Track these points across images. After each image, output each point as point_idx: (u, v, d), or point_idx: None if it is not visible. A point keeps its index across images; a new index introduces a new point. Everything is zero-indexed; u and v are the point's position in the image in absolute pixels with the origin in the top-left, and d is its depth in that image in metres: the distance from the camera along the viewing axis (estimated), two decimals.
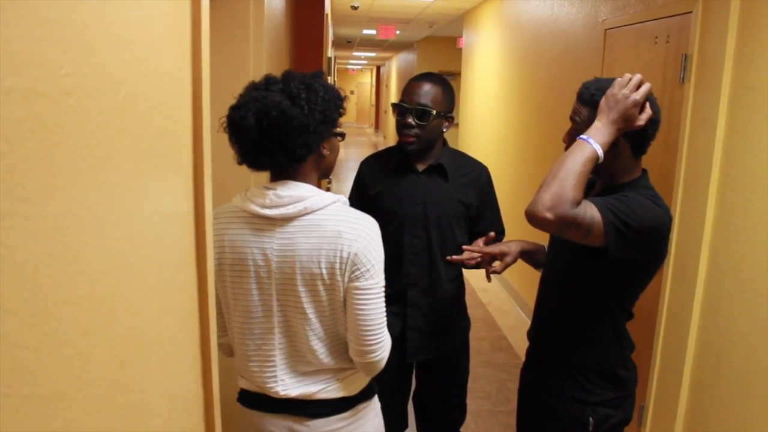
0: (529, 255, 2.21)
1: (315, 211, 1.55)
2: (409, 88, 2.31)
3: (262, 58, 2.39)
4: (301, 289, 1.56)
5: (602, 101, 1.74)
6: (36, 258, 0.59)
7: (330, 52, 9.26)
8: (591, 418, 1.88)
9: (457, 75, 10.32)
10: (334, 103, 1.58)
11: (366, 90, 33.43)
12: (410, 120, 2.27)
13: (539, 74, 5.49)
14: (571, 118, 1.88)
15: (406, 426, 2.64)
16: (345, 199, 1.64)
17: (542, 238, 2.18)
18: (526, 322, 5.36)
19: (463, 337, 2.59)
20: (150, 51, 0.93)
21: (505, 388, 4.15)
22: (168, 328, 1.06)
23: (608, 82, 1.80)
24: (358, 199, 2.44)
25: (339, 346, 1.64)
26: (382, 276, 1.60)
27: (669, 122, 3.03)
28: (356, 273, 1.54)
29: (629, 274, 1.81)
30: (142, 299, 0.91)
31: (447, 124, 2.37)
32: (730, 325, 2.47)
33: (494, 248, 2.15)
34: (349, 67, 30.97)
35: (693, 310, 2.69)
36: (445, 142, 2.44)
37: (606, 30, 3.87)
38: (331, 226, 1.54)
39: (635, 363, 1.99)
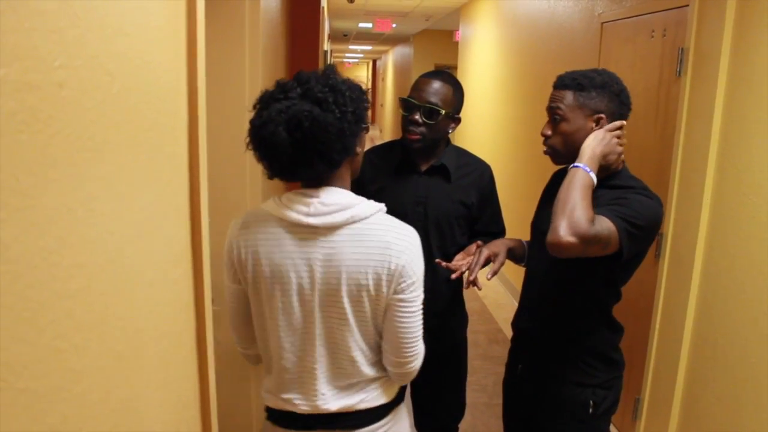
0: (512, 251, 2.22)
1: (361, 219, 1.49)
2: (420, 84, 2.26)
3: (258, 50, 2.38)
4: (345, 299, 1.50)
5: (591, 137, 1.83)
6: (30, 251, 0.59)
7: (326, 45, 9.24)
8: (591, 401, 1.92)
9: (453, 68, 10.31)
10: (361, 98, 1.51)
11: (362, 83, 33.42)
12: (417, 117, 2.22)
13: (536, 68, 5.49)
14: (551, 108, 1.90)
15: None
16: (385, 207, 1.58)
17: (525, 234, 2.18)
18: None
19: (461, 335, 2.59)
20: (144, 43, 0.93)
21: (501, 381, 4.15)
22: (164, 321, 1.05)
23: (586, 71, 1.87)
24: (357, 194, 2.41)
25: (376, 355, 1.61)
26: (422, 288, 1.56)
27: (665, 115, 3.03)
28: (402, 285, 1.49)
29: (626, 262, 1.83)
30: (138, 292, 0.91)
31: (453, 125, 2.32)
32: (725, 319, 2.47)
33: (484, 255, 2.14)
34: (345, 60, 30.89)
35: (688, 303, 2.70)
36: (448, 140, 2.41)
37: (603, 23, 3.86)
38: (379, 236, 1.48)
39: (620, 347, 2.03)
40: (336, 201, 1.47)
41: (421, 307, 1.56)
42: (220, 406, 1.51)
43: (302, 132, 1.38)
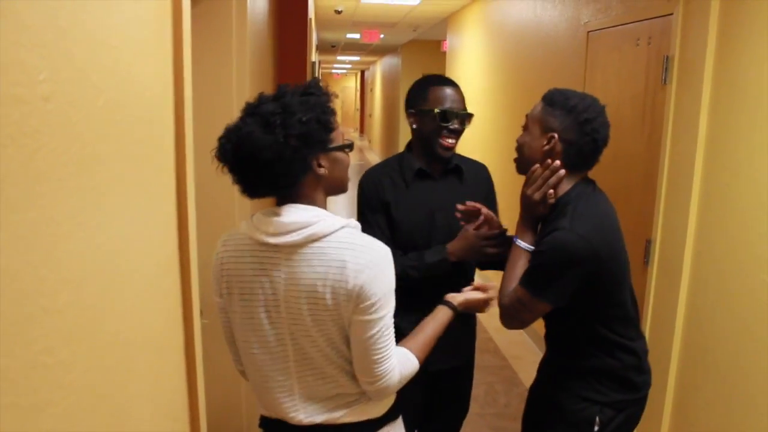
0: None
1: (322, 237, 1.46)
2: (448, 93, 2.29)
3: (245, 62, 2.38)
4: (308, 318, 1.48)
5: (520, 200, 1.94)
6: (16, 265, 0.58)
7: (314, 56, 9.25)
8: (597, 418, 1.90)
9: None
10: (317, 121, 1.46)
11: (351, 94, 33.41)
12: (458, 126, 2.28)
13: (523, 76, 5.52)
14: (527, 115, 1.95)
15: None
16: (356, 222, 1.53)
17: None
18: None
19: (472, 347, 2.59)
20: (131, 56, 0.92)
21: (493, 390, 4.15)
22: (152, 334, 1.05)
23: (575, 92, 1.88)
24: (381, 214, 2.35)
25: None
26: (391, 306, 1.51)
27: (652, 123, 3.06)
28: (361, 306, 1.44)
29: (591, 294, 1.82)
30: (127, 305, 0.90)
31: None
32: (714, 324, 2.49)
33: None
34: (333, 71, 30.96)
35: (677, 309, 2.71)
36: None
37: (588, 32, 3.89)
38: (337, 255, 1.44)
39: (650, 365, 2.00)
40: (295, 219, 1.45)
41: (389, 324, 1.51)
42: (210, 419, 1.50)
43: (242, 153, 1.39)
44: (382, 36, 12.57)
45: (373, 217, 2.37)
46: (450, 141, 2.29)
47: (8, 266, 0.56)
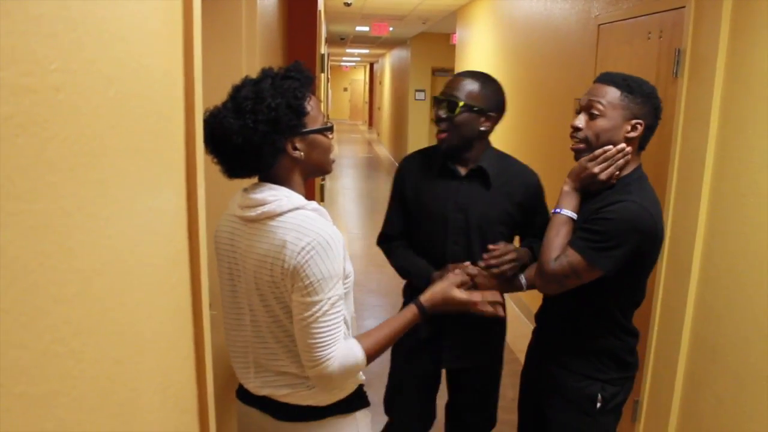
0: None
1: (273, 216, 1.52)
2: (448, 82, 2.25)
3: (255, 54, 2.38)
4: (256, 293, 1.57)
5: (573, 168, 1.96)
6: (27, 256, 0.58)
7: (323, 48, 9.24)
8: (600, 395, 1.95)
9: (450, 71, 10.31)
10: (287, 106, 1.49)
11: (359, 87, 33.32)
12: (440, 112, 2.19)
13: (533, 70, 5.49)
14: (590, 102, 1.90)
15: (430, 427, 2.61)
16: (315, 206, 1.57)
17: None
18: (521, 318, 5.36)
19: (500, 348, 2.52)
20: (141, 47, 0.92)
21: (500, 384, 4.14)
22: (161, 326, 1.05)
23: (633, 76, 1.92)
24: (399, 200, 2.37)
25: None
26: (333, 293, 1.50)
27: (663, 116, 3.03)
28: (297, 286, 1.48)
29: (630, 273, 1.86)
30: (136, 297, 0.91)
31: (486, 122, 2.24)
32: (724, 320, 2.47)
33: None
34: (342, 64, 30.91)
35: (687, 304, 2.70)
36: (488, 143, 2.32)
37: (599, 25, 3.87)
38: (280, 235, 1.50)
39: (637, 349, 2.07)
40: (257, 197, 1.54)
41: (331, 310, 1.50)
42: (218, 411, 1.51)
43: (216, 138, 1.49)
44: (391, 29, 12.54)
45: (392, 204, 2.40)
46: (439, 131, 2.22)
47: (19, 257, 0.57)
